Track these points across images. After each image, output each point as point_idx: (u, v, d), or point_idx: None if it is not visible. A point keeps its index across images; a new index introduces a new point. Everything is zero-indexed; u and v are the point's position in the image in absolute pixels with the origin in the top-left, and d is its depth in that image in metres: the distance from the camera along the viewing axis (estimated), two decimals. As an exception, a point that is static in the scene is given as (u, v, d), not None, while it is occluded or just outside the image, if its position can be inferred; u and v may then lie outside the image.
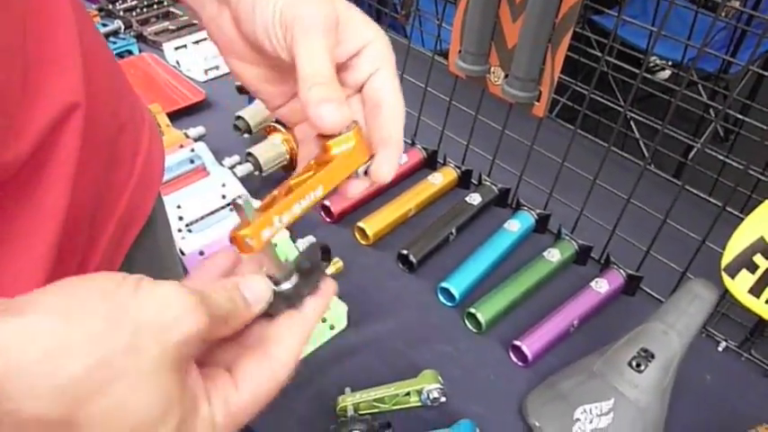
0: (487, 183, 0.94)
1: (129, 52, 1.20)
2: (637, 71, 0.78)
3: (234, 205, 0.32)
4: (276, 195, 0.33)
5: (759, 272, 0.67)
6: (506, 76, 0.84)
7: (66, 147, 0.38)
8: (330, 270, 0.79)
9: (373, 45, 0.37)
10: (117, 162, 0.46)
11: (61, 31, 0.38)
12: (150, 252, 0.53)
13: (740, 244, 0.69)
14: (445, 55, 0.90)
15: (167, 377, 0.27)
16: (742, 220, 0.69)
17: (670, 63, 2.01)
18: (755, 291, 0.67)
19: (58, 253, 0.38)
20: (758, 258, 0.67)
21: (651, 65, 2.19)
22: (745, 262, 0.68)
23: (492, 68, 0.85)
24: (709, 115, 1.63)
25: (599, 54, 0.80)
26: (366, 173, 0.36)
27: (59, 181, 0.38)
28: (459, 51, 0.86)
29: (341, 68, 0.38)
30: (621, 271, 0.82)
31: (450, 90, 0.94)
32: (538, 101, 0.83)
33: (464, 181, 0.96)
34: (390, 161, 0.37)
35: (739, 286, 0.68)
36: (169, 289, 0.27)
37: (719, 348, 0.78)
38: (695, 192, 0.83)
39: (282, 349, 0.32)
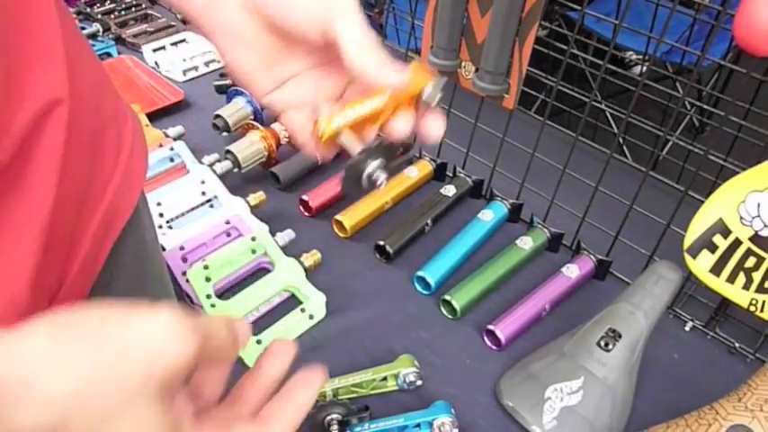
0: (462, 175, 0.96)
1: (108, 54, 1.21)
2: (603, 64, 0.80)
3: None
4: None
5: (719, 252, 0.70)
6: (477, 70, 0.86)
7: (51, 140, 0.39)
8: (309, 262, 0.81)
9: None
10: (101, 157, 0.47)
11: (45, 27, 0.39)
12: (136, 245, 0.54)
13: (701, 226, 0.71)
14: (419, 52, 0.92)
15: (147, 406, 0.27)
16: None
17: (646, 58, 2.05)
18: (716, 270, 0.70)
19: (46, 243, 0.39)
20: (717, 239, 0.70)
21: (627, 60, 2.23)
22: (705, 243, 0.71)
23: (463, 63, 0.88)
24: (686, 108, 1.67)
25: (568, 48, 0.83)
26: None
27: (46, 174, 0.39)
28: (431, 47, 0.89)
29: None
30: (592, 256, 0.84)
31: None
32: (508, 93, 0.85)
33: (439, 173, 0.99)
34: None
35: (701, 266, 0.71)
36: (162, 314, 0.28)
37: (686, 328, 0.81)
38: (660, 178, 0.86)
39: (280, 428, 0.34)
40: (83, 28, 1.24)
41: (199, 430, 0.31)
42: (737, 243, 0.69)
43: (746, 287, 0.69)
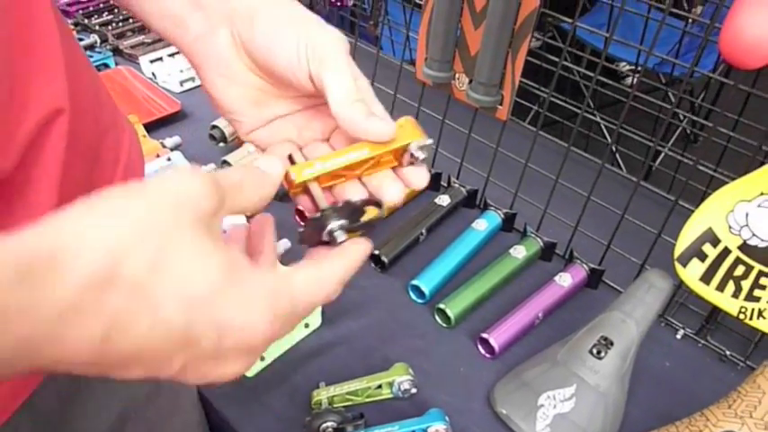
0: (456, 185, 0.97)
1: (106, 65, 1.22)
2: (595, 75, 0.82)
3: (289, 157, 0.39)
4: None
5: (708, 260, 0.71)
6: (470, 81, 0.88)
7: (53, 149, 0.40)
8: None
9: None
10: (100, 165, 0.49)
11: (46, 41, 0.40)
12: None
13: (690, 235, 0.72)
14: (414, 63, 0.94)
15: (190, 233, 0.29)
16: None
17: (638, 69, 2.07)
18: (706, 278, 0.71)
19: None
20: (707, 248, 0.71)
21: (620, 71, 2.26)
22: (695, 251, 0.72)
23: (457, 75, 0.89)
24: (678, 118, 1.69)
25: (560, 59, 0.84)
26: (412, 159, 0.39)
27: (49, 181, 0.40)
28: (426, 59, 0.90)
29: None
30: (584, 265, 0.85)
31: (419, 97, 0.97)
32: (501, 105, 0.87)
33: (434, 183, 1.00)
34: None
35: (691, 275, 0.72)
36: (172, 170, 0.30)
37: (678, 336, 0.82)
38: (651, 188, 0.87)
39: (337, 264, 0.35)
40: (80, 39, 1.25)
41: (261, 268, 0.32)
42: (726, 252, 0.70)
43: (736, 295, 0.70)
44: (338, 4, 1.43)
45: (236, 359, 0.31)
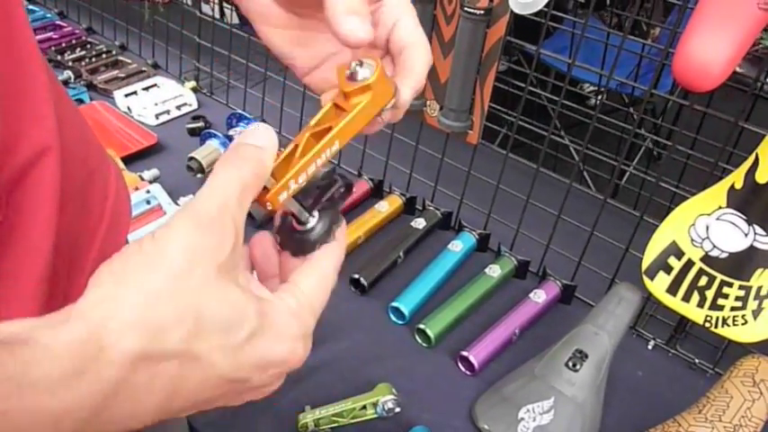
0: (431, 208, 1.00)
1: (81, 101, 1.23)
2: (560, 99, 0.86)
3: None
4: (296, 145, 0.35)
5: (673, 272, 0.75)
6: (441, 108, 0.91)
7: (44, 190, 0.41)
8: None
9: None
10: (89, 204, 0.50)
11: (35, 82, 0.41)
12: None
13: (656, 248, 0.76)
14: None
15: (219, 283, 0.30)
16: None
17: (601, 90, 2.14)
18: (672, 290, 0.75)
19: (44, 291, 0.41)
20: (672, 260, 0.75)
21: (585, 93, 2.33)
22: (661, 264, 0.75)
23: (428, 102, 0.93)
24: (641, 137, 1.75)
25: (526, 84, 0.88)
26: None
27: (41, 224, 0.41)
28: (397, 87, 0.93)
29: None
30: (557, 282, 0.88)
31: (392, 124, 1.00)
32: (471, 129, 0.90)
33: (409, 207, 1.02)
34: (409, 90, 0.37)
35: (658, 287, 0.76)
36: (174, 221, 0.30)
37: (649, 346, 0.85)
38: (617, 204, 0.91)
39: (327, 258, 0.36)
40: (54, 75, 1.26)
41: (278, 295, 0.33)
42: (690, 264, 0.73)
43: (701, 305, 0.73)
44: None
45: (277, 381, 0.34)
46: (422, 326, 0.81)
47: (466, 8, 0.80)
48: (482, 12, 0.79)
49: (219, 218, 0.31)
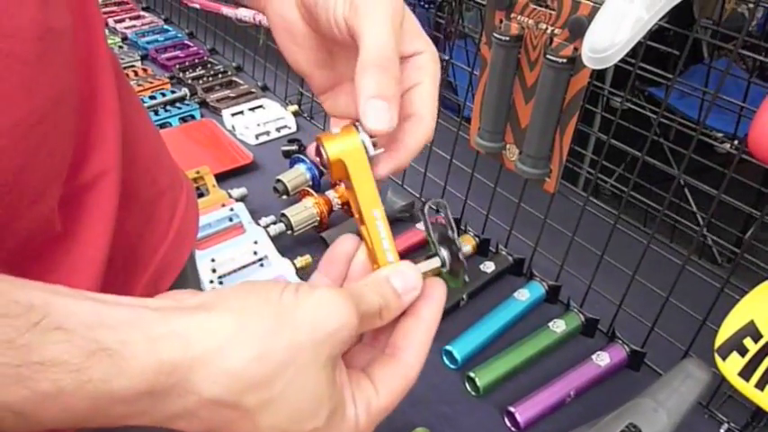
0: (503, 252, 0.98)
1: (193, 117, 1.33)
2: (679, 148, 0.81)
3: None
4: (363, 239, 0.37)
5: (748, 355, 0.68)
6: (520, 153, 0.89)
7: (102, 207, 0.45)
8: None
9: (423, 56, 0.38)
10: (154, 222, 0.53)
11: (106, 109, 0.45)
12: None
13: (732, 326, 0.70)
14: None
15: (320, 374, 0.30)
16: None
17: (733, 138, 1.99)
18: (745, 374, 0.68)
19: None
20: (748, 342, 0.68)
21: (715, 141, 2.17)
22: (735, 344, 0.69)
23: (507, 146, 0.91)
24: None
25: (609, 136, 0.84)
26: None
27: (95, 240, 0.44)
28: (479, 129, 0.93)
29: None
30: (625, 346, 0.83)
31: (473, 164, 1.00)
32: (549, 177, 0.87)
33: (482, 248, 1.01)
34: (390, 167, 0.37)
35: (730, 368, 0.69)
36: (325, 293, 0.31)
37: (721, 431, 0.77)
38: (701, 263, 0.84)
39: (411, 354, 0.35)
40: (173, 91, 1.37)
41: (356, 400, 0.33)
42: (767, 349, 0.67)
43: (776, 395, 0.66)
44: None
45: None
46: (472, 374, 0.79)
47: (549, 56, 0.78)
48: (565, 60, 0.77)
49: (357, 321, 0.31)
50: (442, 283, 0.37)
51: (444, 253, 0.37)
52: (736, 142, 1.26)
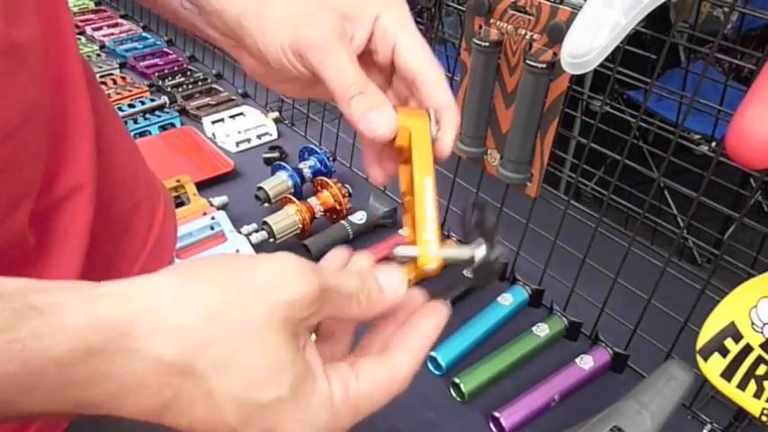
0: (486, 257, 0.98)
1: (173, 125, 1.31)
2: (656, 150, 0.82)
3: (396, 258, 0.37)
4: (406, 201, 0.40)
5: (730, 356, 0.69)
6: (501, 157, 0.89)
7: (75, 221, 0.45)
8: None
9: (383, 15, 0.39)
10: (131, 233, 0.53)
11: (79, 124, 0.45)
12: None
13: (714, 327, 0.70)
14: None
15: (277, 336, 0.28)
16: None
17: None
18: (727, 375, 0.69)
19: None
20: (729, 343, 0.69)
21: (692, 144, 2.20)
22: (717, 345, 0.70)
23: (489, 151, 0.91)
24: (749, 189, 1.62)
25: (588, 140, 0.85)
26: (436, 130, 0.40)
27: (70, 254, 0.44)
28: (460, 134, 0.93)
29: (365, 54, 0.40)
30: (608, 349, 0.84)
31: (455, 169, 1.00)
32: (531, 182, 0.88)
33: (465, 254, 1.01)
34: (451, 127, 0.40)
35: (712, 369, 0.70)
36: (283, 257, 0.30)
37: (704, 431, 0.78)
38: (683, 265, 0.85)
39: (402, 356, 0.33)
40: (152, 99, 1.36)
41: (329, 376, 0.31)
42: (749, 349, 0.67)
43: (758, 395, 0.67)
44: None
45: None
46: (456, 380, 0.79)
47: (528, 61, 0.78)
48: (544, 65, 0.78)
49: (321, 286, 0.30)
50: (446, 306, 0.37)
51: (479, 251, 0.38)
52: (713, 144, 1.27)
